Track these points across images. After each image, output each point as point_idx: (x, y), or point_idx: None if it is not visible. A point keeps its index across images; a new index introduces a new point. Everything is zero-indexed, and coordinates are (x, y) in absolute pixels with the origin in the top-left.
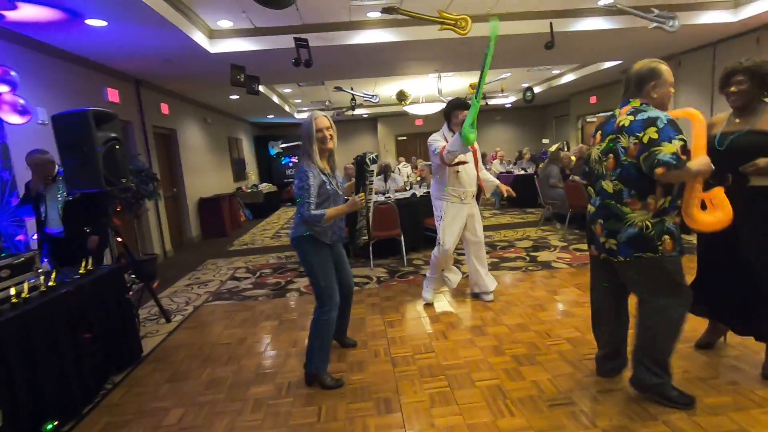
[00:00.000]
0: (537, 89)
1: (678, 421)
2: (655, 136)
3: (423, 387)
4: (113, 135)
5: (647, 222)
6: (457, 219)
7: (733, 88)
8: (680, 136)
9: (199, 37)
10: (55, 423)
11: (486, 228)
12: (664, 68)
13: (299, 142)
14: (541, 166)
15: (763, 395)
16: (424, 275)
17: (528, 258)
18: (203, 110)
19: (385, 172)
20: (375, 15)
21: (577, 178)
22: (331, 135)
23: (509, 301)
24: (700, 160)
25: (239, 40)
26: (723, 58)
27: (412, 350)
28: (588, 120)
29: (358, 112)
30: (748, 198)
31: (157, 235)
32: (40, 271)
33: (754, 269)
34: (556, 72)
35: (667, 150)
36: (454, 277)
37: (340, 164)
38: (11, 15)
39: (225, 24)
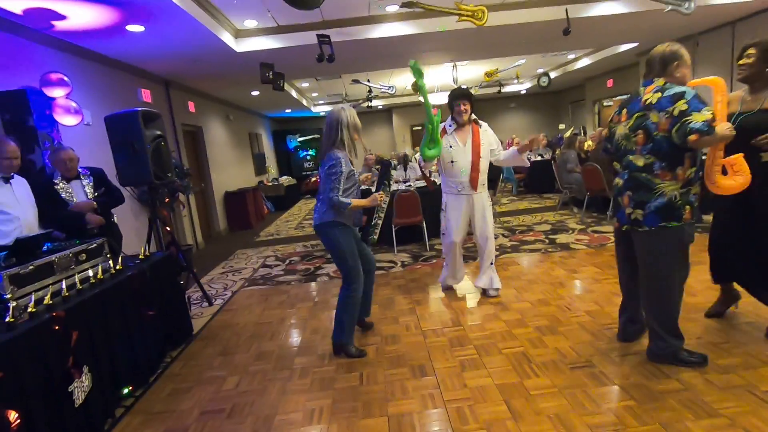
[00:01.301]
0: (552, 74)
1: (690, 379)
2: (685, 107)
3: (454, 355)
4: (158, 132)
5: (676, 192)
6: (455, 210)
7: (741, 61)
8: (708, 107)
9: (227, 37)
10: (130, 388)
11: (504, 214)
12: (684, 51)
13: (316, 135)
14: (558, 151)
15: None
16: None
17: (547, 240)
18: (225, 107)
19: (404, 162)
20: (393, 9)
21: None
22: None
23: (531, 280)
24: (723, 125)
25: (264, 38)
26: (742, 36)
27: (440, 324)
28: (605, 104)
29: (373, 103)
30: (762, 173)
31: (190, 227)
32: (108, 255)
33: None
34: (571, 57)
35: (699, 118)
36: (452, 280)
37: None
38: (60, 25)
39: (250, 23)
